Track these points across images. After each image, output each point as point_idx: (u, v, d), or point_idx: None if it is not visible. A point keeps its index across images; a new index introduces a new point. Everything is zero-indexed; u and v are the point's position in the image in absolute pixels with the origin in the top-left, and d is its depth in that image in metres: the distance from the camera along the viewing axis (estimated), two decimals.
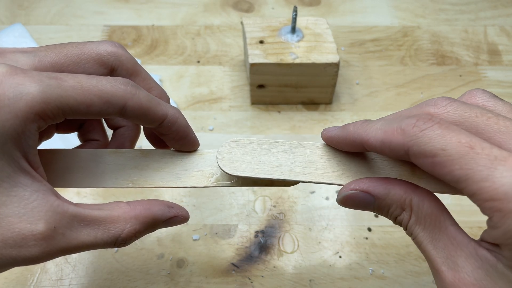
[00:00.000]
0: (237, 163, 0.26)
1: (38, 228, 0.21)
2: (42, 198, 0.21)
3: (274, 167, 0.26)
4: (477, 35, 0.58)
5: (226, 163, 0.26)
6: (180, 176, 0.27)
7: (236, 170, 0.26)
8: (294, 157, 0.26)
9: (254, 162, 0.26)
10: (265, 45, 0.47)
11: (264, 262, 0.40)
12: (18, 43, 0.51)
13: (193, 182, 0.27)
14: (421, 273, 0.39)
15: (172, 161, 0.27)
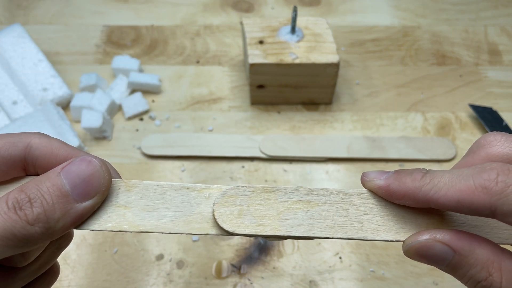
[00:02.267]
0: (238, 217, 0.22)
1: None
2: None
3: (282, 220, 0.22)
4: (477, 35, 0.58)
5: (224, 218, 0.22)
6: (172, 220, 0.22)
7: (237, 227, 0.22)
8: (305, 207, 0.22)
9: (259, 215, 0.22)
10: (265, 45, 0.47)
11: (264, 263, 0.39)
12: (17, 44, 0.51)
13: (189, 228, 0.22)
14: (421, 274, 0.39)
15: (162, 198, 0.22)
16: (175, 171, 0.45)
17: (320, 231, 0.22)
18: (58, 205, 0.19)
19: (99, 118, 0.46)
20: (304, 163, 0.46)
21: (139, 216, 0.22)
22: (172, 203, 0.22)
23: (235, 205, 0.22)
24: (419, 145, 0.47)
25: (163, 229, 0.22)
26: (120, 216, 0.22)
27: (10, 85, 0.49)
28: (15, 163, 0.21)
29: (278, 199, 0.22)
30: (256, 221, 0.22)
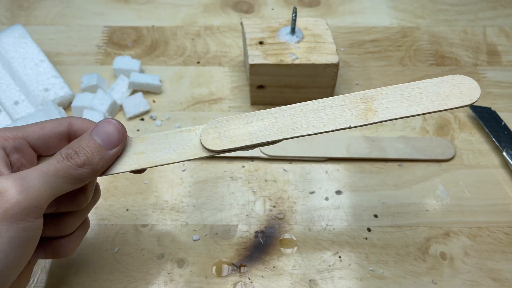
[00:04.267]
0: (218, 139, 0.31)
1: None
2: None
3: (250, 135, 0.31)
4: (476, 35, 0.58)
5: (209, 142, 0.30)
6: (175, 153, 0.31)
7: (218, 146, 0.30)
8: (266, 123, 0.31)
9: (232, 135, 0.31)
10: (265, 46, 0.47)
11: (264, 263, 0.40)
12: (18, 44, 0.51)
13: (187, 155, 0.31)
14: (420, 273, 0.39)
15: (165, 142, 0.31)
16: (176, 171, 0.46)
17: (278, 135, 0.30)
18: (96, 153, 0.28)
19: (100, 118, 0.46)
20: (304, 163, 0.46)
21: (152, 156, 0.31)
22: (173, 143, 0.31)
23: (215, 133, 0.31)
24: (418, 145, 0.47)
25: (171, 160, 0.31)
26: (139, 159, 0.31)
27: (11, 85, 0.49)
28: (62, 136, 0.30)
29: (245, 122, 0.31)
30: (231, 139, 0.31)
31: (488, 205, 0.43)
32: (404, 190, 0.44)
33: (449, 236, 0.41)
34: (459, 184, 0.45)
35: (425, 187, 0.44)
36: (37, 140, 0.29)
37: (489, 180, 0.45)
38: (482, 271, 0.39)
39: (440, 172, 0.46)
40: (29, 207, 0.25)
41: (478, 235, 0.41)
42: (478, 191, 0.44)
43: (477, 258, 0.40)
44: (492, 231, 0.42)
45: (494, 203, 0.43)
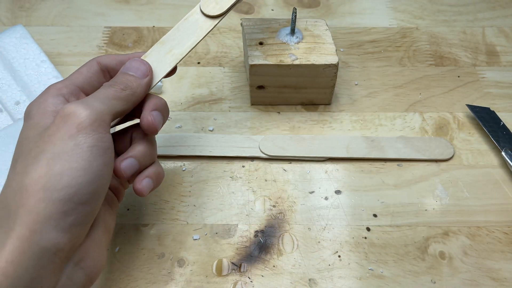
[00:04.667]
0: (216, 5, 0.39)
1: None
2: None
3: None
4: (475, 36, 0.59)
5: (211, 10, 0.39)
6: (194, 35, 0.38)
7: (221, 8, 0.39)
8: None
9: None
10: (265, 47, 0.47)
11: (264, 262, 0.40)
12: (19, 45, 0.51)
13: (204, 31, 0.38)
14: (420, 272, 0.39)
15: (180, 33, 0.38)
16: (176, 171, 0.46)
17: None
18: (133, 81, 0.34)
19: None
20: (304, 162, 0.47)
21: (180, 47, 0.38)
22: (187, 30, 0.39)
23: (212, 2, 0.39)
24: (417, 145, 0.47)
25: (196, 41, 0.38)
26: (172, 55, 0.37)
27: (13, 85, 0.49)
28: (99, 74, 0.36)
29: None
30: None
31: (487, 205, 0.44)
32: (403, 190, 0.44)
33: (448, 235, 0.42)
34: (458, 184, 0.45)
35: (424, 187, 0.45)
36: (83, 83, 0.34)
37: (488, 180, 0.45)
38: (481, 271, 0.39)
39: (439, 172, 0.46)
40: (96, 120, 0.29)
41: (477, 234, 0.42)
42: (477, 191, 0.44)
43: (476, 257, 0.40)
44: (491, 231, 0.42)
45: (493, 202, 0.44)
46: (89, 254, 0.30)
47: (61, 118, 0.29)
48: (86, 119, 0.29)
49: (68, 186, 0.27)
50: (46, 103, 0.31)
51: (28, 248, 0.26)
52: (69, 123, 0.29)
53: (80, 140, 0.28)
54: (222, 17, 0.38)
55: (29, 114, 0.31)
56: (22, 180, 0.27)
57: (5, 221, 0.27)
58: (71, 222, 0.28)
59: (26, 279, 0.26)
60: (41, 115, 0.30)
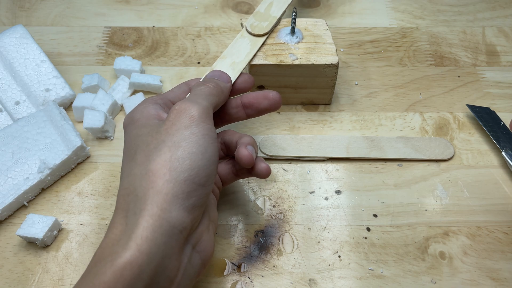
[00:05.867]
0: (260, 22, 0.47)
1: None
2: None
3: (271, 11, 0.47)
4: (475, 36, 0.59)
5: (258, 30, 0.47)
6: (249, 48, 0.45)
7: (265, 29, 0.47)
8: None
9: (264, 18, 0.47)
10: (265, 47, 0.47)
11: (264, 262, 0.40)
12: (19, 45, 0.51)
13: (257, 44, 0.46)
14: (419, 272, 0.39)
15: (237, 48, 0.45)
16: None
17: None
18: (219, 82, 0.38)
19: (101, 118, 0.46)
20: (304, 162, 0.47)
21: (239, 58, 0.44)
22: (241, 45, 0.45)
23: (254, 21, 0.48)
24: (417, 145, 0.47)
25: (251, 54, 0.45)
26: (235, 66, 0.43)
27: (12, 85, 0.49)
28: (187, 93, 0.39)
29: (267, 2, 0.49)
30: (267, 20, 0.48)
31: (487, 205, 0.43)
32: (403, 189, 0.44)
33: (448, 235, 0.42)
34: (458, 184, 0.45)
35: (424, 187, 0.45)
36: (174, 98, 0.38)
37: (488, 180, 0.45)
38: (481, 271, 0.39)
39: (439, 172, 0.46)
40: (204, 113, 0.33)
41: (477, 234, 0.42)
42: (477, 191, 0.44)
43: (476, 257, 0.40)
44: (491, 231, 0.42)
45: (493, 202, 0.44)
46: (203, 238, 0.33)
47: (175, 114, 0.33)
48: (196, 112, 0.33)
49: (190, 168, 0.31)
50: (148, 108, 0.35)
51: (160, 226, 0.29)
52: (183, 117, 0.32)
53: (194, 129, 0.32)
54: (267, 35, 0.47)
55: (132, 119, 0.35)
56: (147, 167, 0.31)
57: (134, 204, 0.30)
58: (193, 203, 0.30)
59: (158, 256, 0.28)
60: (146, 118, 0.34)
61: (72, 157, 0.45)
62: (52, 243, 0.41)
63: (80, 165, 0.46)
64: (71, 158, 0.45)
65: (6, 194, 0.42)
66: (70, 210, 0.43)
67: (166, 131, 0.32)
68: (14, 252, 0.41)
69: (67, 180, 0.45)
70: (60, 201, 0.44)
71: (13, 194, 0.42)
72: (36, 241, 0.40)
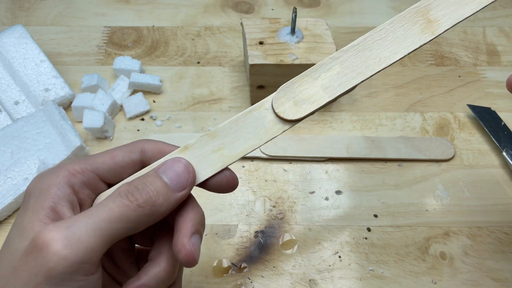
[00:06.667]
0: (296, 106, 0.28)
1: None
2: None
3: (326, 89, 0.28)
4: (476, 36, 0.58)
5: (288, 113, 0.28)
6: (255, 137, 0.28)
7: (300, 113, 0.28)
8: (335, 70, 0.28)
9: (308, 96, 0.28)
10: (265, 46, 0.47)
11: (264, 262, 0.40)
12: (19, 44, 0.51)
13: (269, 135, 0.28)
14: (420, 273, 0.39)
15: (238, 129, 0.28)
16: None
17: (355, 79, 0.27)
18: (161, 193, 0.24)
19: (100, 118, 0.46)
20: (304, 163, 0.46)
21: (233, 148, 0.28)
22: (248, 127, 0.28)
23: (288, 100, 0.28)
24: (418, 145, 0.47)
25: (254, 146, 0.28)
26: (220, 156, 0.28)
27: (12, 85, 0.49)
28: (135, 164, 0.27)
29: (314, 78, 0.28)
30: (309, 101, 0.28)
31: (487, 205, 0.43)
32: (404, 190, 0.44)
33: (449, 236, 0.41)
34: (459, 184, 0.45)
35: (424, 187, 0.45)
36: (108, 172, 0.26)
37: (489, 180, 0.45)
38: (482, 271, 0.39)
39: (440, 172, 0.46)
40: (76, 264, 0.21)
41: (478, 235, 0.41)
42: (478, 191, 0.44)
43: (477, 257, 0.40)
44: (491, 231, 0.42)
45: (493, 203, 0.44)
46: None
47: (32, 250, 0.22)
48: (59, 265, 0.21)
49: None
50: (45, 194, 0.24)
51: None
52: (38, 264, 0.21)
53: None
54: (298, 122, 0.28)
55: (26, 201, 0.24)
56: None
57: None
58: None
59: None
60: (29, 216, 0.23)
61: (72, 157, 0.45)
62: None
63: None
64: (71, 158, 0.44)
65: (6, 194, 0.42)
66: None
67: (14, 275, 0.22)
68: None
69: None
70: None
71: (13, 195, 0.42)
72: None
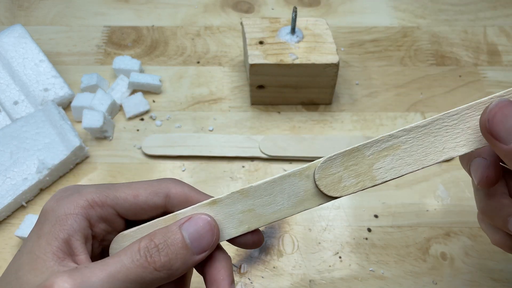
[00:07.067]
0: (339, 183, 0.25)
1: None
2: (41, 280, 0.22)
3: (376, 170, 0.25)
4: (476, 35, 0.58)
5: (330, 188, 0.25)
6: (289, 204, 0.26)
7: (342, 191, 0.25)
8: (391, 152, 0.25)
9: (355, 174, 0.25)
10: (265, 46, 0.47)
11: (264, 263, 0.40)
12: (18, 44, 0.51)
13: (305, 205, 0.26)
14: (420, 273, 0.39)
15: (273, 192, 0.26)
16: (176, 171, 0.46)
17: (410, 166, 0.25)
18: (180, 255, 0.23)
19: (100, 118, 0.46)
20: (304, 163, 0.46)
21: (264, 212, 0.26)
22: (283, 192, 0.26)
23: (333, 174, 0.25)
24: None
25: (287, 214, 0.26)
26: (249, 218, 0.26)
27: (11, 85, 0.49)
28: (157, 210, 0.26)
29: (365, 155, 0.25)
30: (355, 180, 0.25)
31: None
32: (404, 190, 0.44)
33: (450, 236, 0.41)
34: (460, 184, 0.45)
35: (425, 187, 0.44)
36: (127, 210, 0.25)
37: None
38: (483, 271, 0.39)
39: (441, 172, 0.45)
40: None
41: (479, 235, 0.41)
42: None
43: (478, 258, 0.40)
44: None
45: None
46: None
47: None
48: None
49: None
50: (61, 224, 0.23)
51: None
52: None
53: None
54: (338, 198, 0.26)
55: (41, 224, 0.24)
56: None
57: None
58: None
59: None
60: (43, 245, 0.23)
61: (71, 157, 0.44)
62: None
63: (79, 166, 0.46)
64: (70, 158, 0.44)
65: (5, 194, 0.42)
66: None
67: None
68: (12, 253, 0.40)
69: (66, 181, 0.45)
70: None
71: (12, 195, 0.42)
72: None
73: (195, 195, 0.26)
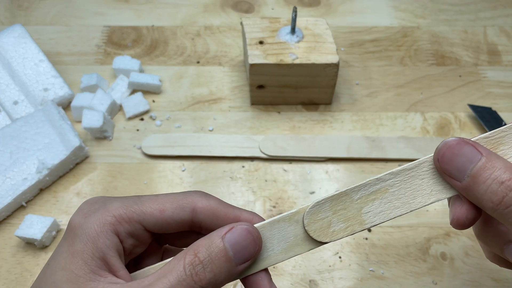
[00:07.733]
0: (329, 227, 0.25)
1: None
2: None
3: (364, 214, 0.25)
4: (476, 35, 0.58)
5: (319, 233, 0.25)
6: (278, 252, 0.25)
7: (332, 236, 0.25)
8: (379, 195, 0.25)
9: (344, 219, 0.25)
10: (265, 46, 0.47)
11: None
12: (18, 44, 0.51)
13: (292, 252, 0.26)
14: (420, 273, 0.39)
15: (263, 237, 0.25)
16: (176, 171, 0.46)
17: (399, 210, 0.24)
18: (224, 269, 0.23)
19: (100, 118, 0.46)
20: (304, 163, 0.46)
21: (271, 252, 0.25)
22: (273, 238, 0.25)
23: (322, 219, 0.25)
24: (419, 145, 0.47)
25: (277, 260, 0.25)
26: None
27: (11, 85, 0.49)
28: (184, 224, 0.25)
29: (354, 199, 0.25)
30: (344, 225, 0.25)
31: None
32: None
33: (450, 236, 0.41)
34: None
35: None
36: (154, 225, 0.25)
37: None
38: (483, 271, 0.39)
39: None
40: None
41: None
42: None
43: (478, 258, 0.40)
44: None
45: None
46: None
47: None
48: None
49: None
50: (93, 242, 0.23)
51: None
52: None
53: None
54: (327, 243, 0.26)
55: (71, 241, 0.24)
56: None
57: None
58: None
59: None
60: (79, 263, 0.23)
61: (71, 157, 0.44)
62: (50, 244, 0.41)
63: (79, 165, 0.46)
64: (70, 158, 0.44)
65: (5, 194, 0.42)
66: (69, 210, 0.43)
67: None
68: (12, 253, 0.40)
69: (66, 181, 0.45)
70: (58, 201, 0.44)
71: (12, 195, 0.42)
72: (35, 241, 0.40)
73: (222, 209, 0.26)
